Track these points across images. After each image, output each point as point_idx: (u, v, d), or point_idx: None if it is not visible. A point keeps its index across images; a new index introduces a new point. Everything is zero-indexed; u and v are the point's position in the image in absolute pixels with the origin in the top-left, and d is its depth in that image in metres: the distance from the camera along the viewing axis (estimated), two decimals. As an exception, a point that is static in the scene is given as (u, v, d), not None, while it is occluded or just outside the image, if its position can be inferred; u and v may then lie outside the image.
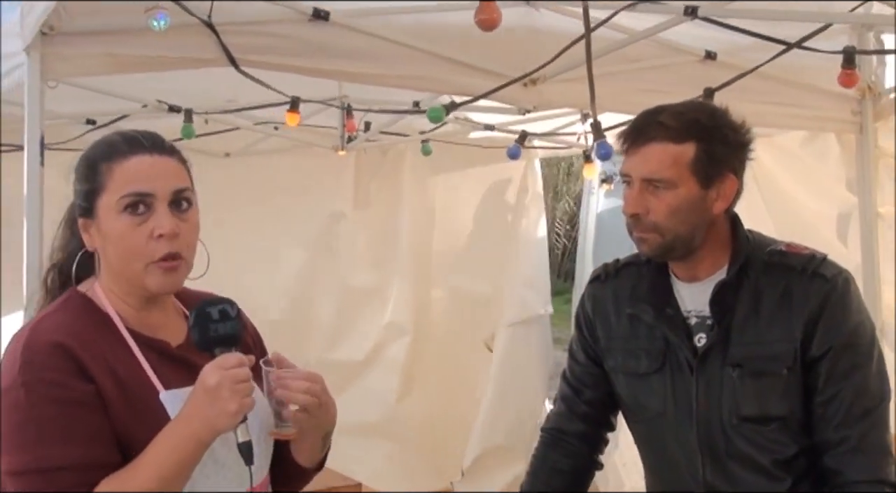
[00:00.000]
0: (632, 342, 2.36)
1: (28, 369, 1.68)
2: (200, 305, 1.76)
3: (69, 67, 3.10)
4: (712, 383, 2.22)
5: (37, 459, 1.65)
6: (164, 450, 1.66)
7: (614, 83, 3.67)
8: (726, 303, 2.23)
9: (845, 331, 2.17)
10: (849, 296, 2.20)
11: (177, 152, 1.86)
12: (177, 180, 1.81)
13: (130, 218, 1.76)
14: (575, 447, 2.50)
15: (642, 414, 2.36)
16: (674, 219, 2.19)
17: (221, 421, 1.66)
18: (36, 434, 1.65)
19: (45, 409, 1.66)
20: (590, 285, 2.51)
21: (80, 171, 1.84)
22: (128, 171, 1.78)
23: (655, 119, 2.21)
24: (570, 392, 2.52)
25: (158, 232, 1.76)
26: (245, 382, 1.68)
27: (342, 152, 5.66)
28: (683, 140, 2.17)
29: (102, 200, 1.79)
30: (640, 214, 2.21)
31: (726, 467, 2.23)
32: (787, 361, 2.17)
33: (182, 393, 1.75)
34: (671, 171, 2.17)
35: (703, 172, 2.18)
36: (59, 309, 1.81)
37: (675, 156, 2.17)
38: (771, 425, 2.19)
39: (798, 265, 2.22)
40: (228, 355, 1.71)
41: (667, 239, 2.20)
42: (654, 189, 2.19)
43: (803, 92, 4.01)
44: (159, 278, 1.78)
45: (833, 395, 2.16)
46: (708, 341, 2.23)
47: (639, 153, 2.21)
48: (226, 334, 1.74)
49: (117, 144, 1.83)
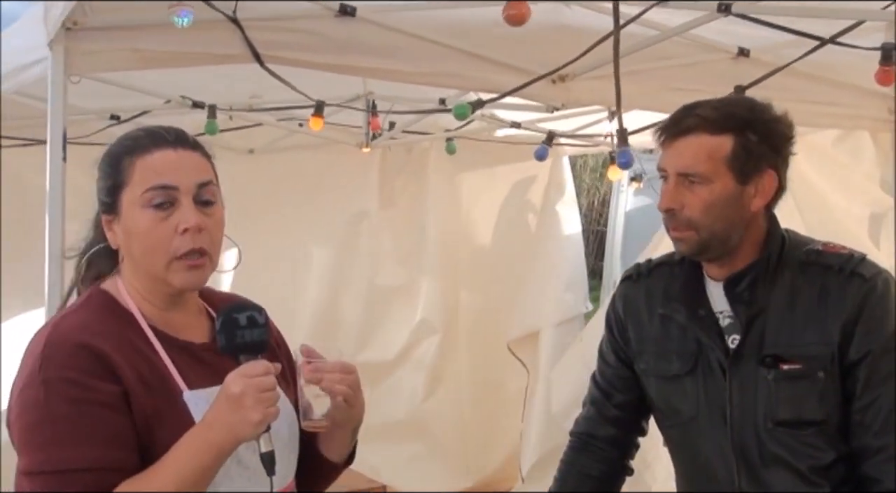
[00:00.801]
0: (663, 344, 2.31)
1: (49, 366, 1.65)
2: (228, 309, 1.73)
3: (93, 63, 3.09)
4: (746, 385, 2.17)
5: (52, 460, 1.62)
6: (184, 456, 1.63)
7: (644, 81, 3.63)
8: (754, 300, 2.17)
9: (885, 334, 2.11)
10: (888, 297, 2.14)
11: (201, 147, 1.83)
12: (201, 174, 1.78)
13: (154, 213, 1.73)
14: (605, 451, 2.46)
15: (675, 418, 2.31)
16: (709, 215, 2.13)
17: (244, 430, 1.63)
18: (51, 434, 1.63)
19: (64, 408, 1.63)
20: (621, 284, 2.47)
21: (103, 167, 1.82)
22: (151, 165, 1.75)
23: (692, 111, 2.16)
24: (599, 395, 2.48)
25: (183, 226, 1.73)
26: (270, 390, 1.65)
27: (367, 150, 5.64)
28: (720, 133, 2.12)
29: (126, 195, 1.76)
30: (674, 210, 2.15)
31: (761, 473, 2.18)
32: (824, 364, 2.11)
33: (205, 393, 1.72)
34: (706, 165, 2.12)
35: (740, 166, 2.13)
36: (81, 307, 1.79)
37: (711, 149, 2.12)
38: (807, 430, 2.14)
39: (836, 264, 2.16)
40: (254, 362, 1.68)
41: (703, 236, 2.15)
42: (690, 184, 2.13)
43: (838, 89, 3.96)
44: (183, 275, 1.75)
45: (871, 401, 2.10)
46: (741, 340, 2.17)
47: (674, 147, 2.16)
48: (252, 341, 1.70)
49: (140, 138, 1.80)
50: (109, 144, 1.86)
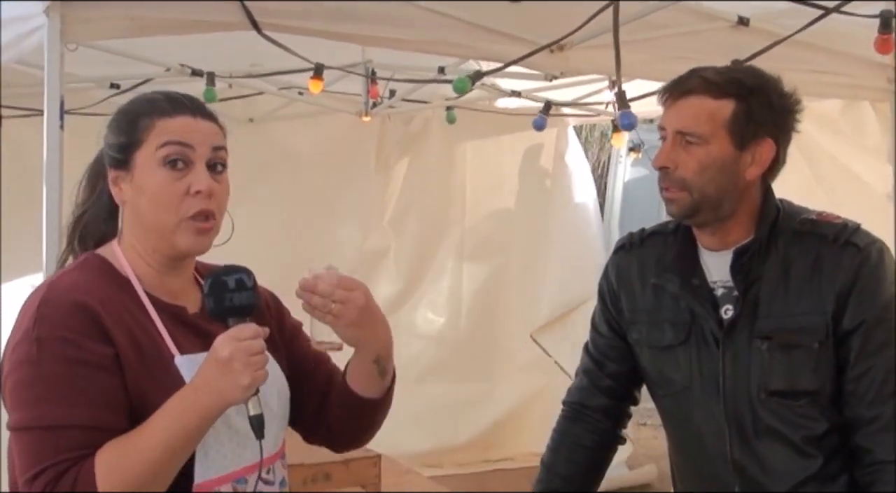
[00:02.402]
0: (656, 314, 2.30)
1: (43, 324, 1.65)
2: (217, 273, 1.72)
3: (90, 30, 3.10)
4: (739, 356, 2.17)
5: (41, 416, 1.62)
6: (171, 417, 1.63)
7: (643, 50, 3.62)
8: (749, 271, 2.16)
9: (879, 304, 2.11)
10: (883, 267, 2.13)
11: (216, 118, 1.84)
12: (215, 139, 1.80)
13: (169, 172, 1.74)
14: (598, 421, 2.45)
15: (668, 388, 2.30)
16: (703, 176, 2.12)
17: (232, 394, 1.62)
18: (43, 391, 1.63)
19: (56, 366, 1.63)
20: (614, 255, 2.45)
21: (118, 123, 1.81)
22: (170, 127, 1.76)
23: (697, 73, 2.15)
24: (592, 365, 2.47)
25: (196, 188, 1.74)
26: (259, 354, 1.64)
27: (366, 118, 5.63)
28: (722, 96, 2.11)
29: (141, 153, 1.76)
30: (668, 169, 2.15)
31: (754, 443, 2.18)
32: (819, 334, 2.11)
33: (197, 358, 1.72)
34: (705, 126, 2.11)
35: (739, 132, 2.11)
36: (77, 268, 1.79)
37: (712, 111, 2.11)
38: (800, 400, 2.13)
39: (829, 234, 2.15)
40: (243, 325, 1.67)
41: (694, 198, 2.13)
42: (687, 144, 2.12)
43: (837, 59, 3.95)
44: (190, 238, 1.76)
45: (864, 371, 2.09)
46: (734, 311, 2.17)
47: (675, 106, 2.15)
48: (241, 304, 1.70)
49: (160, 101, 1.81)
50: (124, 103, 1.86)
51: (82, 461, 1.60)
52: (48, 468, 1.59)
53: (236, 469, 1.74)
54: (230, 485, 1.73)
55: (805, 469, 2.15)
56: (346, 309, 1.76)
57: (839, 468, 2.16)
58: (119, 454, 1.61)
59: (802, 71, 3.76)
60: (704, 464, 2.28)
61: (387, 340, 1.87)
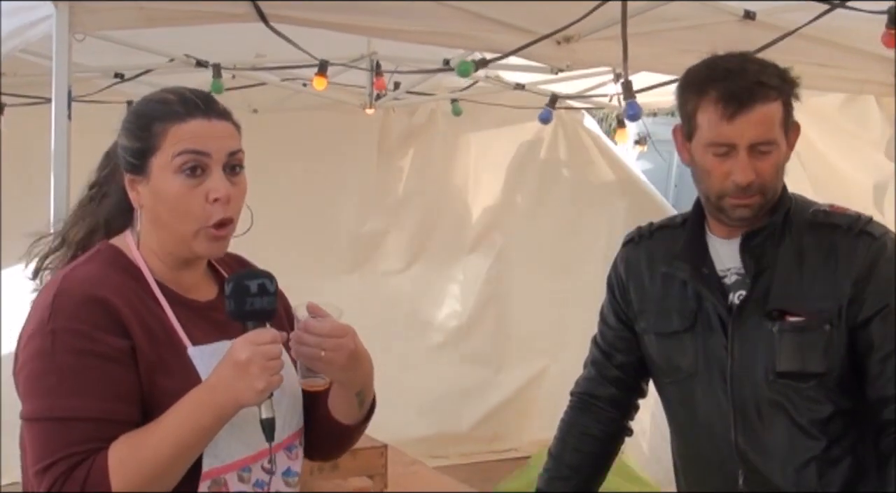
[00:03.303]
0: (664, 302, 2.32)
1: (58, 317, 1.66)
2: (240, 276, 1.73)
3: (97, 20, 3.10)
4: (748, 339, 2.19)
5: (54, 407, 1.63)
6: (183, 416, 1.65)
7: (650, 43, 3.62)
8: (763, 256, 2.18)
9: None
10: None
11: (230, 116, 1.83)
12: (231, 143, 1.79)
13: (186, 180, 1.74)
14: (605, 411, 2.48)
15: (674, 375, 2.32)
16: (777, 178, 2.16)
17: (247, 397, 1.64)
18: (56, 383, 1.64)
19: (70, 359, 1.64)
20: (623, 247, 2.47)
21: (132, 128, 1.80)
22: (184, 133, 1.75)
23: (756, 78, 2.11)
24: (600, 356, 2.49)
25: (214, 196, 1.74)
26: (276, 359, 1.66)
27: (370, 110, 5.63)
28: (774, 98, 2.12)
29: (156, 159, 1.76)
30: (753, 181, 2.12)
31: (758, 427, 2.20)
32: (831, 317, 2.14)
33: (209, 349, 1.74)
34: (774, 132, 2.12)
35: (786, 126, 2.16)
36: (91, 260, 1.79)
37: (773, 116, 2.11)
38: (809, 382, 2.15)
39: (844, 224, 2.19)
40: (262, 330, 1.68)
41: (767, 198, 2.16)
42: (759, 154, 2.11)
43: (844, 53, 3.95)
44: (207, 244, 1.77)
45: (891, 351, 2.12)
46: (746, 294, 2.19)
47: (745, 119, 2.09)
48: (262, 308, 1.70)
49: (173, 104, 1.79)
50: (137, 102, 1.85)
51: (94, 455, 1.61)
52: (60, 461, 1.61)
53: (241, 458, 1.75)
54: (235, 474, 1.75)
55: (808, 451, 2.18)
56: (336, 356, 1.77)
57: (842, 453, 2.18)
58: (131, 448, 1.62)
59: (809, 64, 3.75)
60: (708, 451, 2.29)
61: (369, 375, 1.89)
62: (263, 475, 1.79)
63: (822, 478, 2.18)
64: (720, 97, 2.10)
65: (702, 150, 2.15)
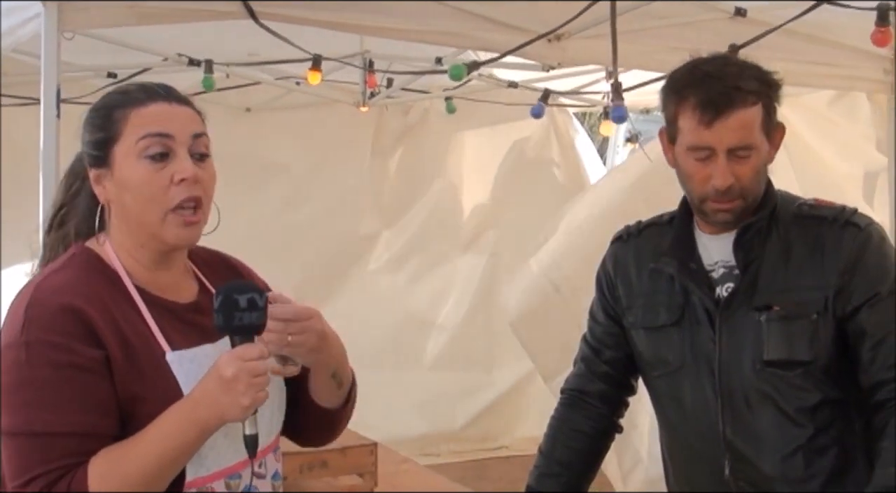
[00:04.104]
0: (652, 297, 2.33)
1: (32, 328, 1.62)
2: (229, 288, 1.69)
3: (87, 18, 3.10)
4: (735, 330, 2.20)
5: (30, 422, 1.60)
6: (166, 430, 1.62)
7: (641, 41, 3.64)
8: (751, 249, 2.20)
9: (890, 277, 2.16)
10: (885, 244, 2.20)
11: (192, 103, 1.80)
12: (195, 126, 1.76)
13: (150, 163, 1.70)
14: (595, 407, 2.47)
15: (661, 369, 2.33)
16: (757, 181, 2.17)
17: (232, 413, 1.62)
18: (32, 396, 1.61)
19: (45, 371, 1.61)
20: (612, 245, 2.48)
21: (93, 119, 1.77)
22: (146, 116, 1.72)
23: (735, 84, 2.12)
24: (590, 353, 2.49)
25: (180, 177, 1.70)
26: (262, 376, 1.63)
27: (364, 108, 5.64)
28: (753, 102, 2.13)
29: (119, 147, 1.72)
30: (733, 185, 2.14)
31: (745, 416, 2.21)
32: (818, 306, 2.15)
33: (189, 354, 1.72)
34: (753, 137, 2.13)
35: (767, 129, 2.16)
36: (65, 266, 1.75)
37: (751, 121, 2.12)
38: (796, 370, 2.17)
39: (829, 216, 2.21)
40: (249, 345, 1.65)
41: (748, 202, 2.18)
42: (737, 158, 2.13)
43: (835, 50, 3.97)
44: (177, 231, 1.73)
45: (882, 338, 2.13)
46: (734, 287, 2.20)
47: (719, 125, 2.11)
48: (250, 324, 1.67)
49: (132, 92, 1.77)
50: (98, 98, 1.82)
51: (75, 469, 1.58)
52: (39, 476, 1.58)
53: (229, 465, 1.73)
54: (223, 482, 1.72)
55: (795, 439, 2.18)
56: (304, 338, 1.75)
57: (829, 442, 2.19)
58: (113, 463, 1.60)
59: (800, 61, 3.79)
60: (695, 443, 2.30)
61: (340, 355, 1.86)
62: (253, 480, 1.76)
63: (809, 467, 2.19)
64: (698, 103, 2.12)
65: (684, 154, 2.17)
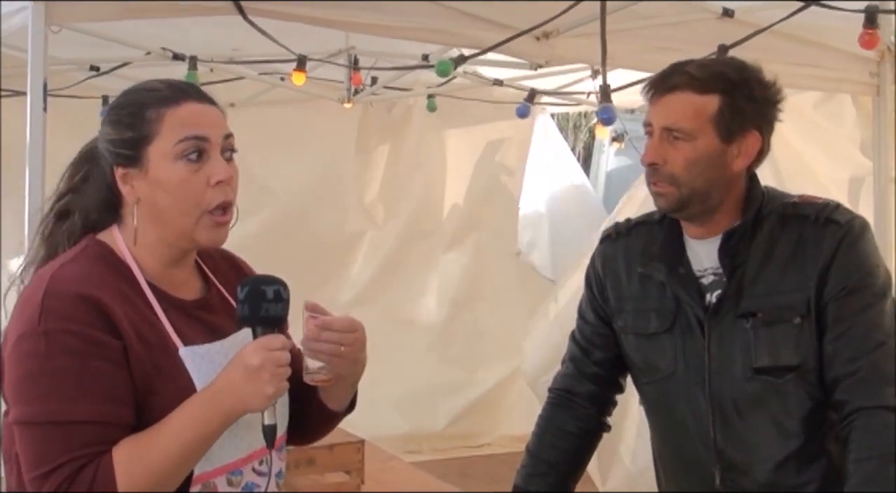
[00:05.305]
0: (642, 302, 2.32)
1: (50, 317, 1.62)
2: (256, 281, 1.73)
3: (74, 12, 3.09)
4: (725, 337, 2.19)
5: (52, 411, 1.61)
6: (189, 420, 1.64)
7: (629, 40, 3.66)
8: (737, 254, 2.20)
9: (859, 273, 2.14)
10: (863, 240, 2.18)
11: (216, 102, 1.81)
12: (224, 126, 1.78)
13: (187, 165, 1.71)
14: (583, 407, 2.47)
15: (652, 375, 2.33)
16: (691, 172, 2.15)
17: (256, 402, 1.64)
18: (54, 385, 1.61)
19: (66, 360, 1.61)
20: (601, 244, 2.48)
21: (121, 117, 1.76)
22: (181, 117, 1.72)
23: (682, 69, 2.18)
24: (578, 353, 2.49)
25: (216, 179, 1.72)
26: (285, 366, 1.66)
27: (348, 105, 5.64)
28: (708, 92, 2.14)
29: (154, 147, 1.72)
30: (657, 164, 2.17)
31: (736, 424, 2.21)
32: (801, 309, 2.15)
33: (200, 350, 1.73)
34: (692, 122, 2.14)
35: (724, 126, 2.15)
36: (77, 258, 1.75)
37: (698, 107, 2.14)
38: (785, 376, 2.16)
39: (811, 214, 2.20)
40: (273, 337, 1.67)
41: (683, 193, 2.16)
42: (674, 140, 2.15)
43: (821, 52, 4.00)
44: (209, 232, 1.74)
45: (843, 332, 2.12)
46: (721, 294, 2.20)
47: (661, 102, 2.18)
48: (276, 315, 1.70)
49: (162, 90, 1.76)
50: (120, 94, 1.81)
51: (99, 458, 1.60)
52: (64, 465, 1.58)
53: (231, 461, 1.74)
54: (224, 478, 1.73)
55: (786, 448, 2.18)
56: (354, 350, 1.79)
57: (821, 450, 2.18)
58: (137, 452, 1.61)
59: (786, 63, 3.80)
60: (687, 450, 2.30)
61: (364, 365, 1.89)
62: (254, 477, 1.78)
63: (801, 475, 2.19)
64: (650, 83, 2.20)
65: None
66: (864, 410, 2.08)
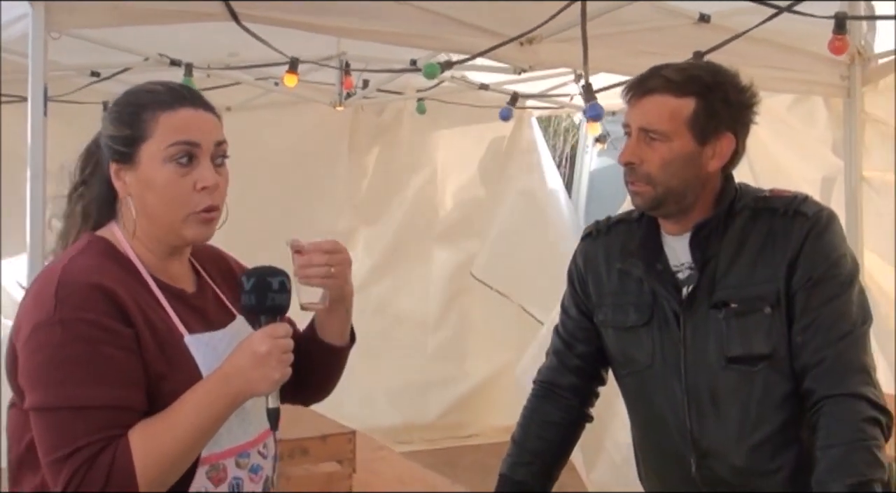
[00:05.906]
0: (621, 297, 2.38)
1: (65, 307, 1.67)
2: (261, 272, 1.80)
3: (74, 19, 3.12)
4: (699, 328, 2.25)
5: (70, 397, 1.65)
6: (198, 404, 1.70)
7: (609, 45, 3.70)
8: (708, 247, 2.25)
9: (826, 263, 2.19)
10: (830, 231, 2.23)
11: (214, 108, 1.88)
12: (217, 133, 1.85)
13: (176, 168, 1.78)
14: (566, 399, 2.52)
15: (631, 367, 2.38)
16: (666, 172, 2.22)
17: (263, 386, 1.72)
18: (71, 372, 1.66)
19: (82, 347, 1.66)
20: (582, 241, 2.53)
21: (120, 116, 1.84)
22: (175, 121, 1.79)
23: (659, 72, 2.24)
24: (561, 346, 2.54)
25: (202, 185, 1.79)
26: (289, 352, 1.74)
27: (340, 108, 5.71)
28: (683, 94, 2.20)
29: (147, 147, 1.79)
30: (634, 164, 2.23)
31: (711, 414, 2.26)
32: (771, 299, 2.20)
33: (204, 338, 1.81)
34: (668, 123, 2.20)
35: (699, 128, 2.21)
36: (84, 251, 1.81)
37: (673, 109, 2.20)
38: (758, 365, 2.21)
39: (780, 207, 2.25)
40: (278, 325, 1.76)
41: (658, 192, 2.23)
42: (650, 140, 2.22)
43: (794, 56, 4.06)
44: (197, 229, 1.82)
45: (810, 322, 2.17)
46: (694, 286, 2.25)
47: (639, 104, 2.24)
48: (280, 304, 1.78)
49: (161, 93, 1.83)
50: (123, 93, 1.88)
51: (117, 441, 1.65)
52: (83, 448, 1.63)
53: (240, 444, 1.82)
54: (233, 459, 1.81)
55: (760, 434, 2.22)
56: (342, 269, 1.89)
57: (793, 437, 2.22)
58: (154, 434, 1.67)
59: (760, 67, 3.83)
60: (664, 440, 2.35)
61: (353, 289, 1.98)
62: (259, 460, 1.86)
63: (774, 460, 2.23)
64: (628, 85, 2.26)
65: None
66: (830, 397, 2.11)
